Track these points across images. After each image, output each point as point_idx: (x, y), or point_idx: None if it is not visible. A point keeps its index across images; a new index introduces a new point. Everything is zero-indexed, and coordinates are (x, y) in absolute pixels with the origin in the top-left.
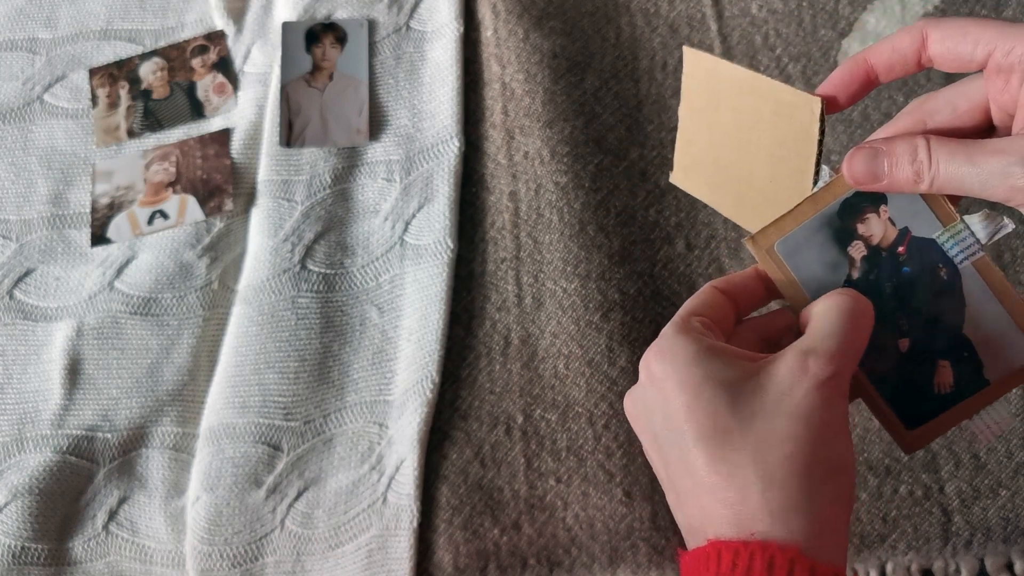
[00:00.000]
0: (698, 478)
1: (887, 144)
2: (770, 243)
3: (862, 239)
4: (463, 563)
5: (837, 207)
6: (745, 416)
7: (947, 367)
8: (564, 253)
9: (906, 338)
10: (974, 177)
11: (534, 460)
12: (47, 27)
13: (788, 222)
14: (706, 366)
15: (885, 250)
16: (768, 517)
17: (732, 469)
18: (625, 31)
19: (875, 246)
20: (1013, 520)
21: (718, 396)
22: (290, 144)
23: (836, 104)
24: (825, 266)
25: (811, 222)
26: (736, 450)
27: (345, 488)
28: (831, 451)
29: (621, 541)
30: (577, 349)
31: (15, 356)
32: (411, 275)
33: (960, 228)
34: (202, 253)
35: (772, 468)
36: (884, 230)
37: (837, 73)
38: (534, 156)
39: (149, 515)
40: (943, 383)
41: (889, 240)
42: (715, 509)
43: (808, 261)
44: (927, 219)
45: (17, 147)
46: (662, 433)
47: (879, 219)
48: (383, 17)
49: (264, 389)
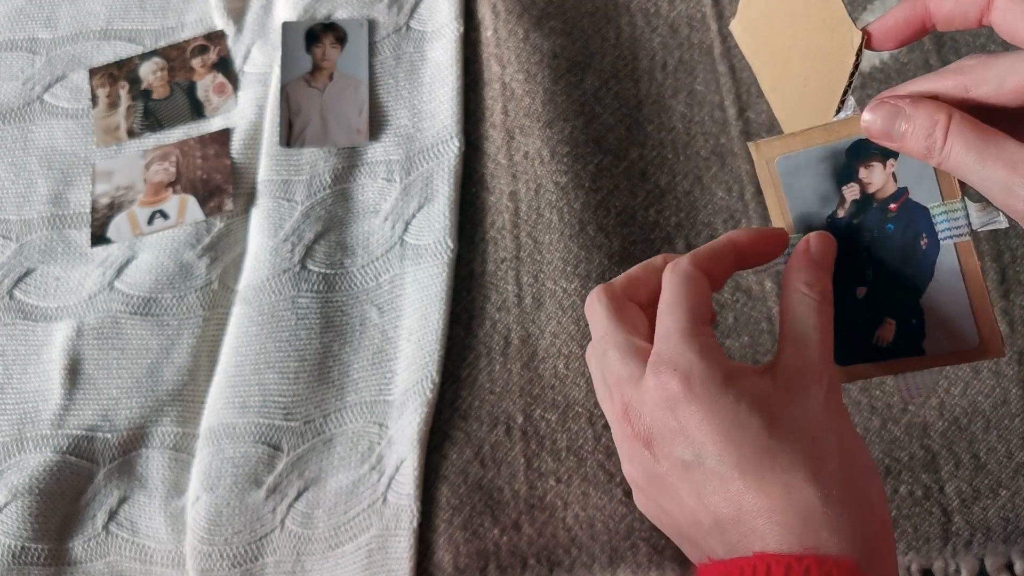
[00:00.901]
0: (746, 504)
1: (911, 107)
2: (773, 155)
3: (860, 183)
4: (463, 563)
5: (848, 144)
6: (784, 436)
7: (892, 325)
8: (564, 253)
9: (864, 287)
10: (978, 176)
11: (534, 460)
12: (47, 27)
13: (796, 142)
14: (737, 387)
15: (878, 201)
16: (830, 534)
17: (788, 491)
18: (625, 31)
19: (870, 194)
20: (1013, 520)
21: (753, 419)
22: (290, 144)
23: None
24: (816, 196)
25: (818, 150)
26: (786, 471)
27: (345, 488)
28: (862, 458)
29: (621, 541)
30: (577, 349)
31: (15, 356)
32: (411, 275)
33: (958, 207)
34: (202, 253)
35: (828, 485)
36: (884, 182)
37: (892, 13)
38: (534, 156)
39: (149, 515)
40: (883, 337)
41: (886, 193)
42: (770, 530)
43: (802, 186)
44: (929, 188)
45: (17, 147)
46: (692, 462)
47: (883, 170)
48: (383, 17)
49: (264, 389)
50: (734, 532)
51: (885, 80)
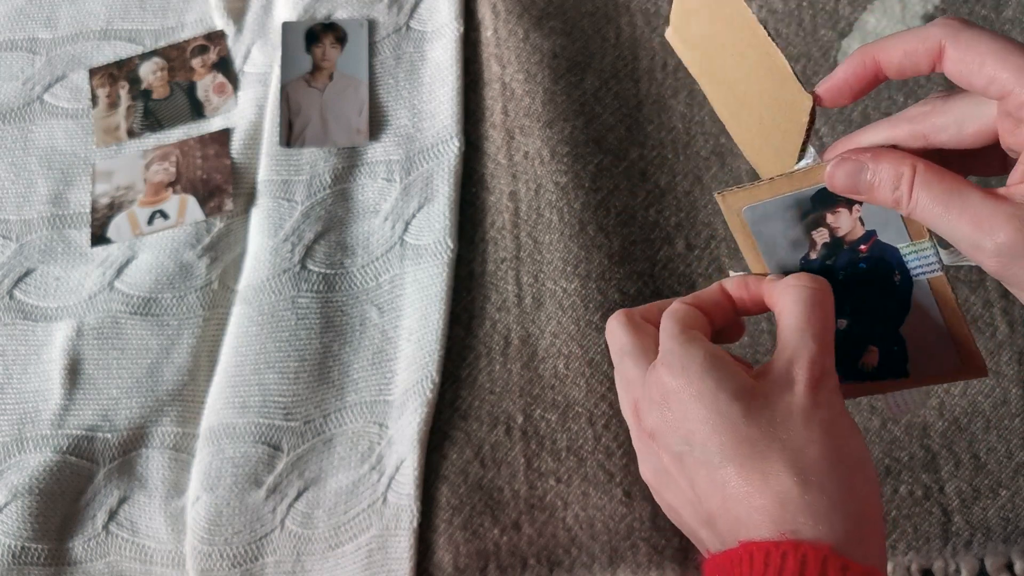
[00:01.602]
0: (729, 491)
1: (874, 162)
2: (739, 206)
3: (828, 228)
4: (463, 563)
5: (813, 192)
6: (763, 425)
7: (875, 352)
8: (564, 253)
9: (844, 320)
10: (945, 229)
11: (534, 460)
12: (47, 27)
13: (762, 191)
14: (716, 375)
15: (848, 244)
16: (807, 518)
17: (765, 477)
18: (625, 31)
19: (839, 237)
20: (1013, 520)
21: (733, 408)
22: (290, 144)
23: (838, 101)
24: (787, 242)
25: (784, 199)
26: (765, 459)
27: (345, 488)
28: (850, 447)
29: (621, 541)
30: (577, 349)
31: (15, 356)
32: (411, 275)
33: (927, 247)
34: (202, 253)
35: (807, 471)
36: (852, 226)
37: (842, 69)
38: (534, 156)
39: (149, 515)
40: (868, 362)
41: (854, 236)
42: (751, 517)
43: (772, 233)
44: (896, 229)
45: (17, 147)
46: (685, 451)
47: (850, 215)
48: (383, 17)
49: (264, 389)
50: (723, 522)
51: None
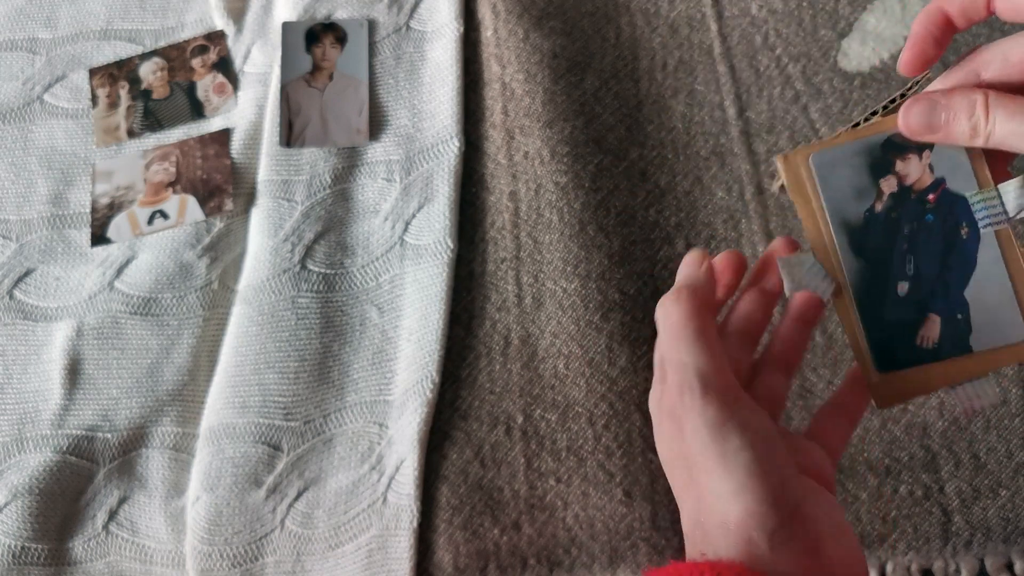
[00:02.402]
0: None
1: (945, 97)
2: (806, 156)
3: (897, 176)
4: (463, 563)
5: (882, 139)
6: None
7: (936, 322)
8: (564, 253)
9: (906, 283)
10: None
11: (534, 460)
12: (47, 27)
13: (827, 144)
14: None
15: (916, 193)
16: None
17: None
18: (625, 31)
19: (907, 186)
20: (1013, 520)
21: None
22: (290, 144)
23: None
24: (853, 191)
25: (853, 144)
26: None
27: (345, 488)
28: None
29: (621, 541)
30: (577, 349)
31: (15, 356)
32: (411, 275)
33: (993, 195)
34: (202, 253)
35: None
36: (921, 174)
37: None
38: (534, 156)
39: (149, 515)
40: (928, 336)
41: (923, 185)
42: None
43: (837, 182)
44: (966, 176)
45: (17, 147)
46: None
47: (919, 162)
48: (383, 17)
49: (264, 389)
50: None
51: (885, 80)
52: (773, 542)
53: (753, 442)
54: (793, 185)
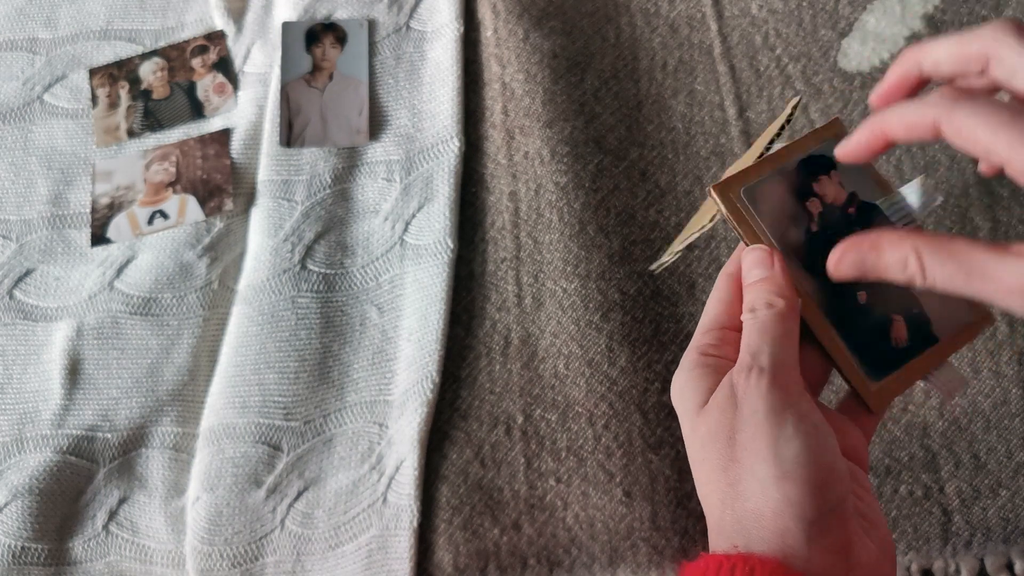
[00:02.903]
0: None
1: (874, 250)
2: (736, 191)
3: (818, 196)
4: (463, 563)
5: (794, 164)
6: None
7: (901, 322)
8: (564, 253)
9: (864, 291)
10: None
11: (534, 460)
12: (47, 27)
13: (750, 174)
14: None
15: (838, 209)
16: (755, 527)
17: (734, 478)
18: (625, 31)
19: (830, 204)
20: (1013, 520)
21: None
22: (290, 144)
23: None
24: (788, 216)
25: (771, 175)
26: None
27: (345, 488)
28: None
29: (621, 541)
30: (577, 349)
31: (15, 356)
32: (411, 275)
33: (897, 199)
34: (202, 253)
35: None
36: (836, 191)
37: (893, 73)
38: (534, 156)
39: (149, 515)
40: (899, 337)
41: (841, 200)
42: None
43: (772, 209)
44: (870, 186)
45: (17, 147)
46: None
47: (831, 180)
48: (383, 17)
49: (264, 389)
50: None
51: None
52: (810, 534)
53: (807, 433)
54: (732, 211)
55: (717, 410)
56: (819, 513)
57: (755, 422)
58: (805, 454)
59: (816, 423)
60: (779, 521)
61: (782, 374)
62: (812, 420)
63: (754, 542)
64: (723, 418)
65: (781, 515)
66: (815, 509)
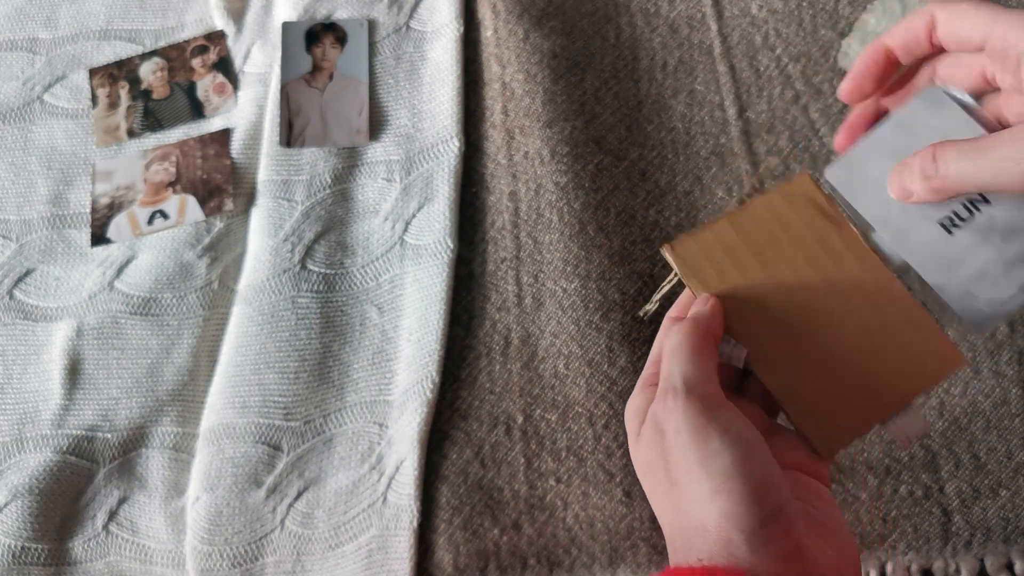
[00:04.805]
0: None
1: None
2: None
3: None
4: (463, 563)
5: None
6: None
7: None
8: (564, 253)
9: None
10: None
11: (534, 460)
12: (47, 27)
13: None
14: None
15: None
16: (702, 542)
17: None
18: (625, 31)
19: None
20: (1013, 520)
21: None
22: (290, 144)
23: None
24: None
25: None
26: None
27: (345, 488)
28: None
29: (621, 541)
30: (577, 349)
31: (15, 356)
32: (411, 275)
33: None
34: (202, 253)
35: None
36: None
37: (860, 60)
38: (534, 156)
39: (149, 515)
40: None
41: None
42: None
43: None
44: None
45: (17, 147)
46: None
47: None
48: (383, 17)
49: (264, 389)
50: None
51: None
52: (752, 544)
53: (733, 444)
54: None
55: (647, 440)
56: (758, 521)
57: (680, 443)
58: (734, 467)
59: (740, 434)
60: (722, 533)
61: (696, 389)
62: (736, 431)
63: (703, 553)
64: (653, 447)
65: (722, 527)
66: (753, 518)
